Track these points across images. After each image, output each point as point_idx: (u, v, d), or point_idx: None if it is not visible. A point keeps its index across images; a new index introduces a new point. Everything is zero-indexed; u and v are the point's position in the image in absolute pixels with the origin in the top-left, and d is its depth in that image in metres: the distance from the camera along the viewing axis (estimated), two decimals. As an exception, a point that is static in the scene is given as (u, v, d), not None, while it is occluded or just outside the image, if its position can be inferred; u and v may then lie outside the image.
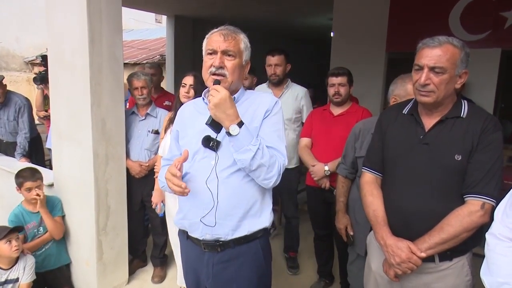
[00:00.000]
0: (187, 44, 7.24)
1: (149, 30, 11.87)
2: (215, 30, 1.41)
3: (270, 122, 1.40)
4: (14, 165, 3.22)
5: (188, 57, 7.22)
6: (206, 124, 1.29)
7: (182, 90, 2.36)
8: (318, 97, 5.59)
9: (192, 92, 2.34)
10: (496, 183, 1.32)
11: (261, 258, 1.46)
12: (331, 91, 2.46)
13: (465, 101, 1.43)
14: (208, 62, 1.37)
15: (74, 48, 2.41)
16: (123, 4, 2.58)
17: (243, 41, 1.42)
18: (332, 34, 5.30)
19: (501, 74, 4.55)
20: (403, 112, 1.52)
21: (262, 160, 1.28)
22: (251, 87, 3.11)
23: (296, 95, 2.91)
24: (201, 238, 1.42)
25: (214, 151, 1.35)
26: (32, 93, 9.95)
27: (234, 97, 1.42)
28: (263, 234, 1.46)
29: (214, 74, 1.35)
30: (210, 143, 1.35)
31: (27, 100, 3.86)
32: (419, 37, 1.40)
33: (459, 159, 1.34)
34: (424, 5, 4.49)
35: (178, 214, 1.50)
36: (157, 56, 8.61)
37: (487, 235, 1.23)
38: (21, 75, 10.37)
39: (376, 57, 4.84)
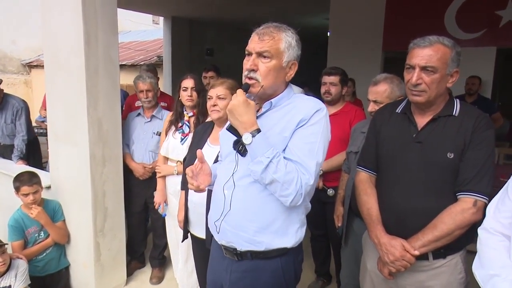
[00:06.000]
0: (184, 45, 7.25)
1: (146, 32, 11.87)
2: (256, 28, 1.31)
3: (304, 133, 1.25)
4: (12, 167, 3.22)
5: (185, 58, 7.23)
6: (226, 129, 1.26)
7: (184, 94, 2.35)
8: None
9: (194, 94, 2.35)
10: (488, 180, 1.33)
11: (281, 277, 1.36)
12: (322, 89, 2.50)
13: (457, 100, 1.44)
14: (244, 65, 1.30)
15: (70, 50, 2.41)
16: (120, 5, 2.58)
17: (285, 40, 1.27)
18: (328, 33, 5.31)
19: (497, 73, 4.58)
20: (397, 111, 1.53)
21: (275, 175, 1.18)
22: None
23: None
24: (219, 243, 1.39)
25: (242, 155, 1.28)
26: (30, 95, 9.95)
27: (271, 102, 1.32)
28: (286, 253, 1.35)
29: (247, 77, 1.27)
30: (239, 147, 1.27)
31: (25, 102, 3.86)
32: (415, 36, 1.41)
33: (452, 157, 1.35)
34: (420, 4, 4.52)
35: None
36: (155, 57, 8.61)
37: (479, 230, 1.25)
38: (19, 77, 10.37)
39: (373, 56, 4.86)
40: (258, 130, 1.20)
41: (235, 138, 1.28)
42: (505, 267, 1.12)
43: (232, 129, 1.25)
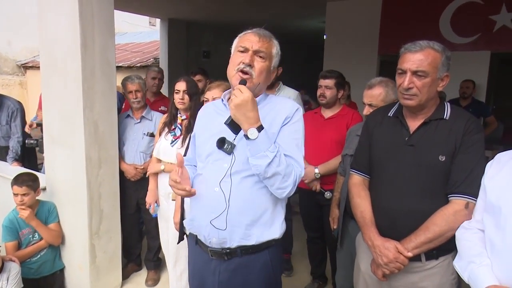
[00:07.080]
0: (181, 47, 7.26)
1: (143, 33, 11.85)
2: (250, 30, 1.39)
3: (289, 130, 1.35)
4: (6, 169, 3.21)
5: (182, 60, 7.24)
6: (224, 123, 1.25)
7: (177, 97, 2.36)
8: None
9: (186, 97, 2.35)
10: (479, 182, 1.35)
11: (270, 269, 1.42)
12: (317, 92, 2.53)
13: (448, 103, 1.46)
14: (238, 59, 1.34)
15: (67, 52, 2.42)
16: (116, 7, 2.59)
17: (276, 47, 1.41)
18: (325, 37, 5.35)
19: (491, 77, 4.62)
20: (389, 114, 1.55)
21: (278, 168, 1.24)
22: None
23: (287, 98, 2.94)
24: (207, 243, 1.39)
25: (228, 154, 1.32)
26: (25, 96, 9.90)
27: None
28: (273, 245, 1.42)
29: (241, 71, 1.32)
30: (224, 145, 1.31)
31: (20, 104, 3.84)
32: (410, 40, 1.43)
33: (443, 159, 1.37)
34: (415, 8, 4.56)
35: (188, 216, 1.49)
36: (151, 59, 8.60)
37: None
38: (14, 78, 10.31)
39: (369, 60, 4.90)
40: (262, 126, 1.24)
41: (214, 139, 1.32)
42: (479, 255, 1.21)
43: (231, 124, 1.25)
